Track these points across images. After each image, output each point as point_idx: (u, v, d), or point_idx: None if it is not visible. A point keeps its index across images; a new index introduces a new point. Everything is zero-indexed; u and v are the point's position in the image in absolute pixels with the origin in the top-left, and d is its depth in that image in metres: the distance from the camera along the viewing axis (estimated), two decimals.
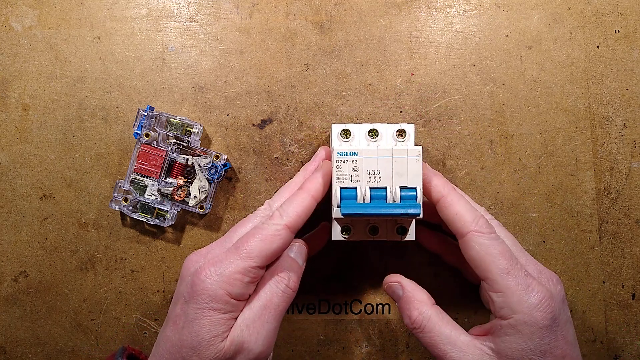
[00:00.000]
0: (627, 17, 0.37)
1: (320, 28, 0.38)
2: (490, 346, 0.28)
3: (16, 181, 0.38)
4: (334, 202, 0.30)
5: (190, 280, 0.28)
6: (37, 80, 0.38)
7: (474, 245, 0.29)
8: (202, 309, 0.27)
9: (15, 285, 0.38)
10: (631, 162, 0.37)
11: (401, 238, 0.33)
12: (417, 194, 0.30)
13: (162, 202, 0.36)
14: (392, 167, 0.30)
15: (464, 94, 0.38)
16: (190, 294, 0.28)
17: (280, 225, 0.29)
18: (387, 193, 0.30)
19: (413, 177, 0.30)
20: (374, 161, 0.30)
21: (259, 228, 0.29)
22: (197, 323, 0.27)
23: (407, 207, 0.29)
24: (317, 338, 0.37)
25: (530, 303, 0.27)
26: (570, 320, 0.29)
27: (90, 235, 0.38)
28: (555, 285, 0.29)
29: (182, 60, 0.38)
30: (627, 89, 0.37)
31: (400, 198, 0.30)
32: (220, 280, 0.28)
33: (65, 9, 0.38)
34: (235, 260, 0.28)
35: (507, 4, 0.38)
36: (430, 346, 0.29)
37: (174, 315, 0.29)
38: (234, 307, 0.28)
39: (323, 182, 0.31)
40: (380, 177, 0.30)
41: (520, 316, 0.27)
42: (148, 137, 0.36)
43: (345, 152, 0.30)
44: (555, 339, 0.27)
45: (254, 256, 0.28)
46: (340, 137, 0.32)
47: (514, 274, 0.28)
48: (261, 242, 0.29)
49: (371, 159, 0.30)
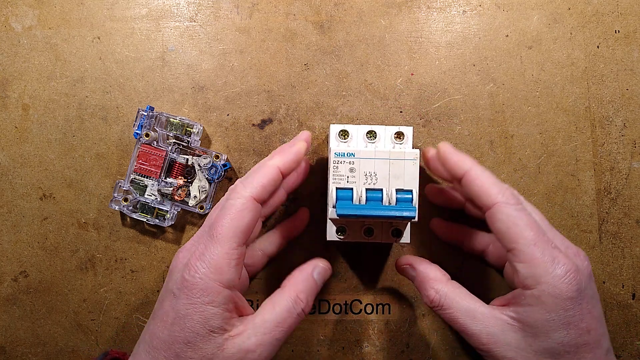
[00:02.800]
0: (627, 17, 0.37)
1: (320, 28, 0.38)
2: (511, 315, 0.28)
3: (16, 181, 0.38)
4: (330, 203, 0.30)
5: (180, 277, 0.28)
6: (37, 80, 0.38)
7: (500, 217, 0.28)
8: (193, 304, 0.27)
9: (15, 285, 0.38)
10: (631, 162, 0.37)
11: (396, 240, 0.33)
12: (413, 197, 0.30)
13: (162, 202, 0.36)
14: (389, 169, 0.30)
15: (464, 94, 0.38)
16: (180, 290, 0.27)
17: (245, 198, 0.28)
18: (383, 195, 0.30)
19: (410, 180, 0.30)
20: (371, 163, 0.30)
21: (227, 207, 0.29)
22: (190, 319, 0.27)
23: (402, 209, 0.29)
24: (317, 338, 0.37)
25: (555, 274, 0.26)
26: (596, 296, 0.29)
27: (90, 235, 0.38)
28: (582, 260, 0.29)
29: (182, 60, 0.38)
30: (627, 89, 0.37)
31: (396, 200, 0.30)
32: (208, 271, 0.27)
33: (65, 9, 0.38)
34: (215, 247, 0.28)
35: (507, 4, 0.38)
36: (451, 322, 0.29)
37: (162, 312, 0.28)
38: (226, 298, 0.28)
39: (293, 158, 0.31)
40: (377, 178, 0.30)
41: (545, 287, 0.26)
42: (148, 137, 0.36)
43: (343, 152, 0.30)
44: (580, 312, 0.27)
45: (230, 237, 0.28)
46: (338, 137, 0.32)
47: (541, 245, 0.27)
48: (231, 221, 0.28)
49: (368, 160, 0.30)
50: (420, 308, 0.37)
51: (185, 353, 0.27)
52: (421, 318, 0.37)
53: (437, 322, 0.37)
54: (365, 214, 0.29)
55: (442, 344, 0.37)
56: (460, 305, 0.29)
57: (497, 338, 0.28)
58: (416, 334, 0.37)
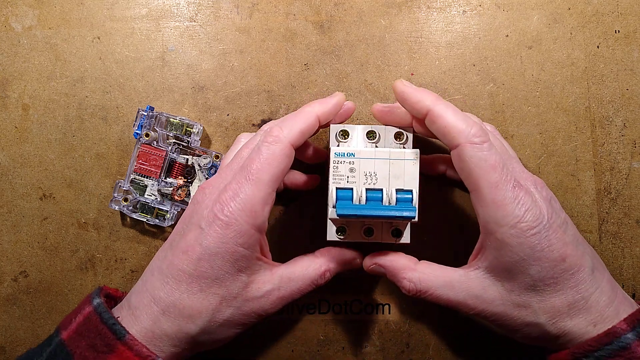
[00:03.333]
0: (627, 17, 0.37)
1: (320, 28, 0.38)
2: (483, 266, 0.28)
3: (16, 181, 0.38)
4: (330, 203, 0.30)
5: (210, 214, 0.28)
6: (37, 80, 0.38)
7: (464, 158, 0.27)
8: (225, 243, 0.27)
9: (15, 285, 0.38)
10: (631, 162, 0.37)
11: (396, 241, 0.33)
12: (413, 197, 0.30)
13: (162, 202, 0.36)
14: (389, 169, 0.30)
15: (464, 94, 0.38)
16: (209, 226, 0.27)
17: (283, 144, 0.28)
18: (383, 195, 0.30)
19: (410, 180, 0.30)
20: (371, 163, 0.30)
21: (264, 150, 0.28)
22: (220, 257, 0.27)
23: (402, 209, 0.29)
24: (317, 338, 0.37)
25: (515, 215, 0.26)
26: (566, 221, 0.28)
27: (90, 235, 0.38)
28: (541, 190, 0.28)
29: (182, 60, 0.38)
30: (627, 89, 0.37)
31: (396, 200, 0.30)
32: (243, 213, 0.27)
33: (65, 9, 0.38)
34: (250, 189, 0.27)
35: (507, 4, 0.38)
36: (435, 301, 0.29)
37: (185, 245, 0.28)
38: (257, 241, 0.28)
39: (332, 108, 0.31)
40: (377, 178, 0.30)
41: (506, 229, 0.26)
42: (148, 137, 0.36)
43: (343, 152, 0.30)
44: (548, 244, 0.26)
45: (267, 182, 0.28)
46: (339, 138, 0.32)
47: (502, 187, 0.27)
48: (269, 166, 0.28)
49: (368, 160, 0.30)
50: (420, 308, 0.37)
51: (210, 288, 0.28)
52: (421, 318, 0.37)
53: (437, 322, 0.37)
54: (365, 214, 0.29)
55: (442, 344, 0.37)
56: (436, 282, 0.29)
57: (481, 298, 0.28)
58: (416, 334, 0.37)
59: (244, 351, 0.37)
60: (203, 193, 0.30)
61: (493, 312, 0.28)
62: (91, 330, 0.27)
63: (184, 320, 0.28)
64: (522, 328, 0.28)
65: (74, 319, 0.28)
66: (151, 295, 0.28)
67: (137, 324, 0.28)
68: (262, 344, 0.37)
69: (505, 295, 0.28)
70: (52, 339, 0.28)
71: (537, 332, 0.28)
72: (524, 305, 0.28)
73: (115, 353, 0.26)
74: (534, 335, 0.28)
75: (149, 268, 0.30)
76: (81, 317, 0.28)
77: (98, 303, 0.28)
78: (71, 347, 0.27)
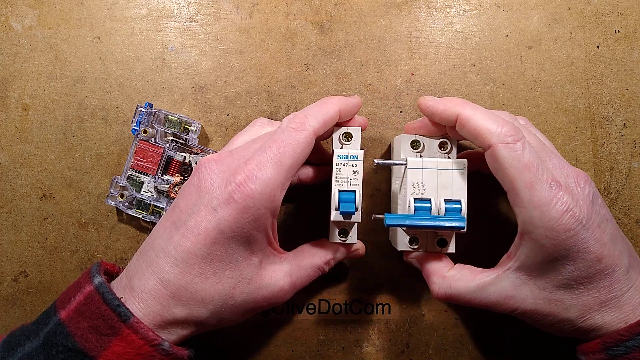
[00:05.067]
0: (627, 17, 0.37)
1: (320, 28, 0.38)
2: (515, 267, 0.28)
3: (16, 181, 0.38)
4: (332, 205, 0.30)
5: (226, 194, 0.26)
6: (37, 80, 0.38)
7: (497, 159, 0.27)
8: (242, 227, 0.26)
9: (15, 285, 0.38)
10: (631, 162, 0.37)
11: (442, 250, 0.32)
12: (462, 207, 0.30)
13: (159, 199, 0.36)
14: (437, 179, 0.30)
15: (464, 94, 0.38)
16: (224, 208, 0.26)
17: (308, 132, 0.28)
18: (431, 205, 0.30)
19: (457, 190, 0.30)
20: (419, 173, 0.30)
21: (289, 136, 0.28)
22: (236, 241, 0.26)
23: (452, 219, 0.29)
24: (317, 338, 0.37)
25: (551, 217, 0.26)
26: (607, 218, 0.28)
27: (90, 235, 0.38)
28: (583, 187, 0.27)
29: (182, 60, 0.38)
30: (627, 89, 0.37)
31: (445, 211, 0.30)
32: (262, 197, 0.26)
33: (65, 9, 0.38)
34: (271, 173, 0.26)
35: (507, 4, 0.38)
36: (469, 304, 0.29)
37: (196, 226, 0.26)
38: (271, 225, 0.28)
39: (352, 107, 0.31)
40: (425, 189, 0.30)
41: (542, 230, 0.26)
42: (146, 133, 0.36)
43: (345, 155, 0.30)
44: (584, 245, 0.26)
45: (288, 167, 0.27)
46: (342, 140, 0.32)
47: (538, 187, 0.26)
48: (293, 152, 0.27)
49: (416, 170, 0.30)
50: (420, 308, 0.37)
51: (224, 272, 0.27)
52: (421, 318, 0.37)
53: (437, 322, 0.37)
54: (415, 224, 0.29)
55: (442, 344, 0.37)
56: (469, 287, 0.29)
57: (514, 299, 0.28)
58: (416, 334, 0.37)
59: (244, 351, 0.37)
60: (210, 169, 0.28)
61: (526, 310, 0.28)
62: (93, 311, 0.26)
63: (196, 304, 0.27)
64: (554, 324, 0.28)
65: (73, 298, 0.27)
66: (159, 278, 0.27)
67: (144, 307, 0.26)
68: (262, 344, 0.37)
69: (537, 292, 0.28)
70: (50, 318, 0.27)
71: (569, 327, 0.28)
72: (555, 301, 0.28)
73: (120, 336, 0.25)
74: (566, 329, 0.28)
75: (151, 248, 0.28)
76: (81, 296, 0.26)
77: (99, 282, 0.27)
78: (71, 327, 0.26)
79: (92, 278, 0.27)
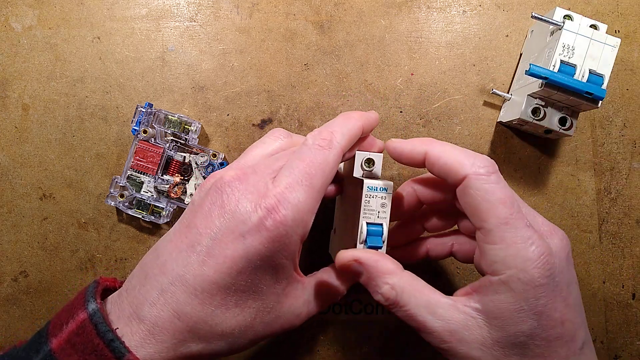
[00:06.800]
0: (627, 17, 0.37)
1: (320, 28, 0.38)
2: (475, 307, 0.25)
3: (16, 181, 0.38)
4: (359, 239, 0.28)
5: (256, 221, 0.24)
6: (37, 80, 0.38)
7: (469, 191, 0.24)
8: (271, 257, 0.24)
9: (15, 285, 0.38)
10: (631, 162, 0.37)
11: (562, 129, 0.33)
12: (604, 81, 0.31)
13: (158, 199, 0.36)
14: (588, 48, 0.31)
15: (464, 94, 0.38)
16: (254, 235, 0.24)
17: (337, 150, 0.26)
18: (576, 71, 0.31)
19: (603, 65, 0.31)
20: (572, 36, 0.31)
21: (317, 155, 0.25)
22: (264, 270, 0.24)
23: (591, 86, 0.30)
24: (317, 338, 0.37)
25: (526, 258, 0.23)
26: (575, 281, 0.25)
27: (90, 235, 0.38)
28: (560, 240, 0.25)
29: (182, 60, 0.38)
30: (627, 89, 0.37)
31: (587, 80, 0.30)
32: (294, 224, 0.24)
33: (65, 9, 0.38)
34: (301, 196, 0.24)
35: (507, 4, 0.38)
36: (408, 319, 0.25)
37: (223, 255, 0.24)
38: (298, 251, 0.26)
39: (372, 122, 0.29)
40: (574, 54, 0.31)
41: (514, 272, 0.23)
42: (146, 133, 0.36)
43: (376, 187, 0.28)
44: (553, 301, 0.23)
45: (319, 189, 0.25)
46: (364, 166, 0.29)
47: (513, 224, 0.24)
48: (323, 173, 0.25)
49: (570, 33, 0.31)
50: None
51: (247, 302, 0.24)
52: None
53: None
54: (557, 79, 0.30)
55: None
56: (419, 300, 0.25)
57: (460, 335, 0.24)
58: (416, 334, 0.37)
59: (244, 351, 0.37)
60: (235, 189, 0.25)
61: (466, 354, 0.25)
62: (85, 344, 0.23)
63: (215, 338, 0.24)
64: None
65: (66, 325, 0.24)
66: (174, 310, 0.24)
67: (156, 343, 0.23)
68: (262, 344, 0.37)
69: (489, 342, 0.24)
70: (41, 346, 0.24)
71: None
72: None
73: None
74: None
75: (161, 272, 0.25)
76: (74, 325, 0.24)
77: (94, 310, 0.24)
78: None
79: (86, 303, 0.24)
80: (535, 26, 0.36)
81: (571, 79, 0.30)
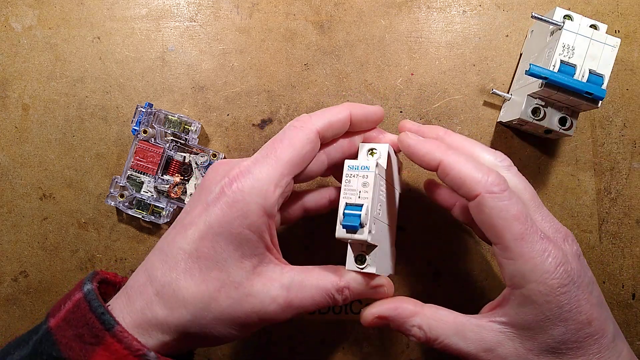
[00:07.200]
0: (627, 17, 0.37)
1: (320, 28, 0.38)
2: (502, 321, 0.26)
3: (16, 181, 0.38)
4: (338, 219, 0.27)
5: (218, 189, 0.26)
6: (37, 80, 0.38)
7: (483, 209, 0.25)
8: (229, 223, 0.25)
9: (15, 285, 0.38)
10: (631, 162, 0.37)
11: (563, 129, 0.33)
12: (604, 81, 0.31)
13: (158, 199, 0.36)
14: (588, 48, 0.31)
15: (464, 94, 0.38)
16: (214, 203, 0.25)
17: (309, 129, 0.27)
18: (576, 71, 0.31)
19: (604, 65, 0.31)
20: (572, 36, 0.31)
21: (288, 132, 0.27)
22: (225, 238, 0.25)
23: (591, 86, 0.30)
24: (317, 338, 0.37)
25: (544, 270, 0.24)
26: (593, 280, 0.26)
27: (90, 235, 0.38)
28: (571, 244, 0.27)
29: (182, 60, 0.38)
30: (627, 89, 0.37)
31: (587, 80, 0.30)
32: (253, 191, 0.25)
33: (65, 9, 0.38)
34: (265, 167, 0.26)
35: (507, 4, 0.38)
36: (444, 350, 0.27)
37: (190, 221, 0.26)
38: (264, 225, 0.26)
39: (365, 111, 0.29)
40: (573, 54, 0.31)
41: (535, 285, 0.24)
42: (146, 133, 0.36)
43: (357, 166, 0.27)
44: (577, 305, 0.24)
45: (284, 161, 0.26)
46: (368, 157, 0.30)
47: (529, 239, 0.25)
48: (289, 146, 0.26)
49: (570, 33, 0.31)
50: None
51: (211, 272, 0.25)
52: None
53: None
54: (557, 78, 0.30)
55: None
56: (447, 330, 0.27)
57: (495, 352, 0.26)
58: None
59: (244, 351, 0.37)
60: (215, 170, 0.28)
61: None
62: (79, 319, 0.25)
63: (177, 303, 0.25)
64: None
65: (63, 306, 0.26)
66: (148, 274, 0.26)
67: (130, 305, 0.25)
68: (262, 344, 0.37)
69: (523, 354, 0.26)
70: (41, 326, 0.26)
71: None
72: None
73: (103, 345, 0.24)
74: None
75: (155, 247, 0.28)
76: (70, 304, 0.25)
77: (88, 290, 0.26)
78: (57, 336, 0.25)
79: (82, 286, 0.26)
80: (535, 26, 0.36)
81: (571, 79, 0.30)
